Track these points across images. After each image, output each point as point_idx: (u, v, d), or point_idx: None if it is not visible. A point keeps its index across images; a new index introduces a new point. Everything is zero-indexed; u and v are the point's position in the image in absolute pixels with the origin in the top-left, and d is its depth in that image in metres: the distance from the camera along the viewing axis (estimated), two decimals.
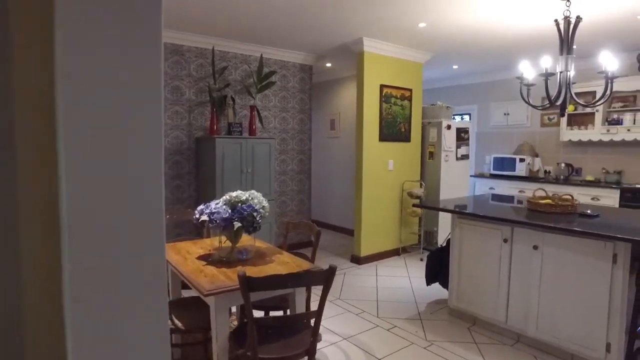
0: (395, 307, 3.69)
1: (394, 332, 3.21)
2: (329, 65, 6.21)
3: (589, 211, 3.12)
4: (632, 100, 5.36)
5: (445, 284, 3.62)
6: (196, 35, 4.56)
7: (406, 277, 4.55)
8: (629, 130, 5.15)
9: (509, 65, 6.14)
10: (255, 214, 2.32)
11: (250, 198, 2.42)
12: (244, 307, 1.80)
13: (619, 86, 5.18)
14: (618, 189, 5.05)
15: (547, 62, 3.12)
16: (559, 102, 3.21)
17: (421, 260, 5.20)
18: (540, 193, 3.59)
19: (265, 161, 4.71)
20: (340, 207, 6.77)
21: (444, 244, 3.76)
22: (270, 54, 5.25)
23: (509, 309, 3.04)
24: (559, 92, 3.21)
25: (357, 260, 5.08)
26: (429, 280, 3.75)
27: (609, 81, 3.04)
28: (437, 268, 3.71)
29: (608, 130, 5.30)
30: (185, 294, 2.74)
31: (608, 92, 3.10)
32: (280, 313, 2.59)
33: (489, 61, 5.86)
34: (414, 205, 3.63)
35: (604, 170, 5.58)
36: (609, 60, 3.02)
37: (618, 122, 5.30)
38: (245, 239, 2.66)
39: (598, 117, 5.41)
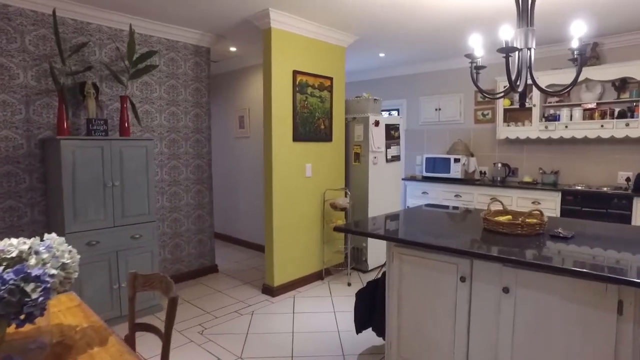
0: None
1: None
2: (233, 49, 5.11)
3: (560, 230, 2.37)
4: (567, 95, 4.92)
5: (380, 332, 2.72)
6: None
7: (331, 313, 3.61)
8: (566, 127, 4.69)
9: (442, 55, 5.48)
10: (31, 286, 1.19)
11: (30, 252, 1.29)
12: None
13: (553, 79, 4.71)
14: (559, 191, 4.55)
15: (507, 33, 2.32)
16: (520, 88, 2.44)
17: (349, 285, 4.30)
18: (496, 206, 2.82)
19: (141, 170, 3.50)
20: (252, 220, 5.69)
21: (379, 275, 2.86)
22: (152, 30, 4.04)
23: None
24: (518, 76, 2.45)
25: (270, 291, 4.04)
26: (360, 327, 2.83)
27: (582, 59, 2.31)
28: (369, 309, 2.80)
29: (546, 127, 4.81)
30: None
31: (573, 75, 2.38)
32: None
33: (420, 47, 5.13)
34: (335, 229, 2.67)
35: (540, 171, 5.11)
36: (581, 31, 2.30)
37: (555, 118, 4.83)
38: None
39: (535, 113, 4.90)
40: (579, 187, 4.55)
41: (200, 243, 4.66)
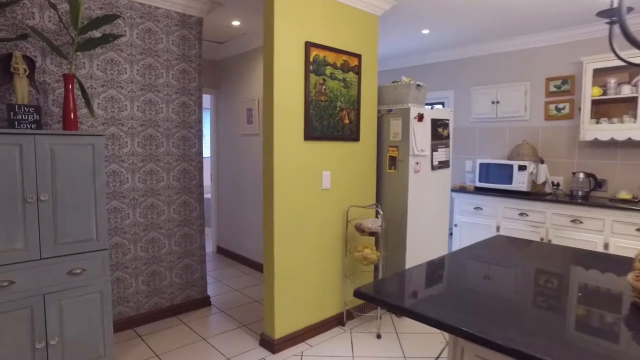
0: None
1: None
2: (236, 24, 4.05)
3: None
4: None
5: None
6: None
7: None
8: None
9: (503, 31, 4.22)
10: None
11: None
12: None
13: None
14: None
15: None
16: None
17: (378, 337, 3.15)
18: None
19: (85, 178, 2.48)
20: (262, 236, 4.63)
21: None
22: None
23: None
24: None
25: (269, 345, 2.94)
26: None
27: None
28: None
29: None
30: None
31: None
32: None
33: (476, 19, 3.89)
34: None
35: None
36: None
37: None
38: None
39: None
40: None
41: (187, 269, 3.62)
